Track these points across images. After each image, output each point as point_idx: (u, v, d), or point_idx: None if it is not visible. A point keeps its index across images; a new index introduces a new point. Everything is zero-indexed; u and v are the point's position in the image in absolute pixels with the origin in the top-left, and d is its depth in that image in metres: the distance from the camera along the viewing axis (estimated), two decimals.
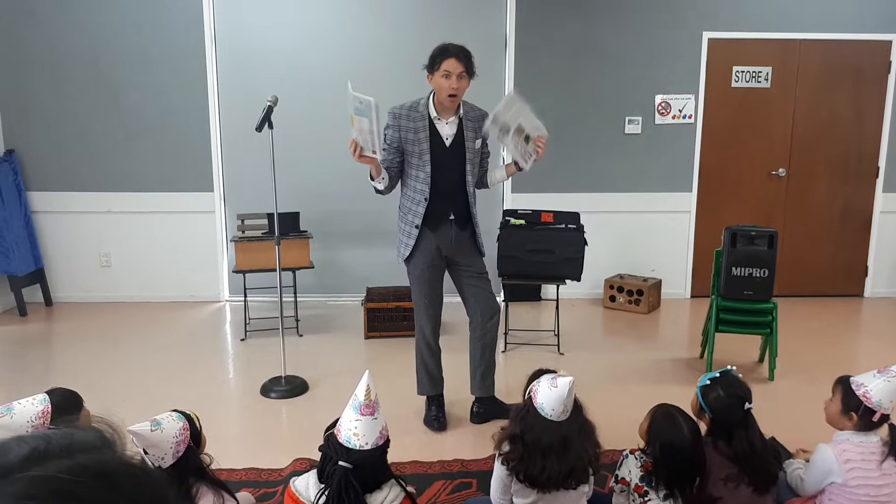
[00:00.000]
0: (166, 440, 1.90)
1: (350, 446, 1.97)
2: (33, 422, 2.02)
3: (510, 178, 3.73)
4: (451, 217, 3.30)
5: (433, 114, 3.22)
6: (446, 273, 3.44)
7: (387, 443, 2.06)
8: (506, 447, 2.25)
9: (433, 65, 3.13)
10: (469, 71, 3.15)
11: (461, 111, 3.25)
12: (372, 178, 3.17)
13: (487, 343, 3.46)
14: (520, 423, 2.23)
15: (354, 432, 1.97)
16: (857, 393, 2.25)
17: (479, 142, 3.30)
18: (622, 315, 5.40)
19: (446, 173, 3.24)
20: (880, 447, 2.20)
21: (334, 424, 2.07)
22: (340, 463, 1.96)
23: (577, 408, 2.23)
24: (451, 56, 3.09)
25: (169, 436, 1.91)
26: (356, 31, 5.41)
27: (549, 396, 2.17)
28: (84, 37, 5.30)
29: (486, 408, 3.50)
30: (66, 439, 0.56)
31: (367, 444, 1.97)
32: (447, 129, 3.24)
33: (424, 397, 3.54)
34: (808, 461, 2.40)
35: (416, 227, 3.27)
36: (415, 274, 3.37)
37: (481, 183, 3.44)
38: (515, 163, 3.27)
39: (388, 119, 3.23)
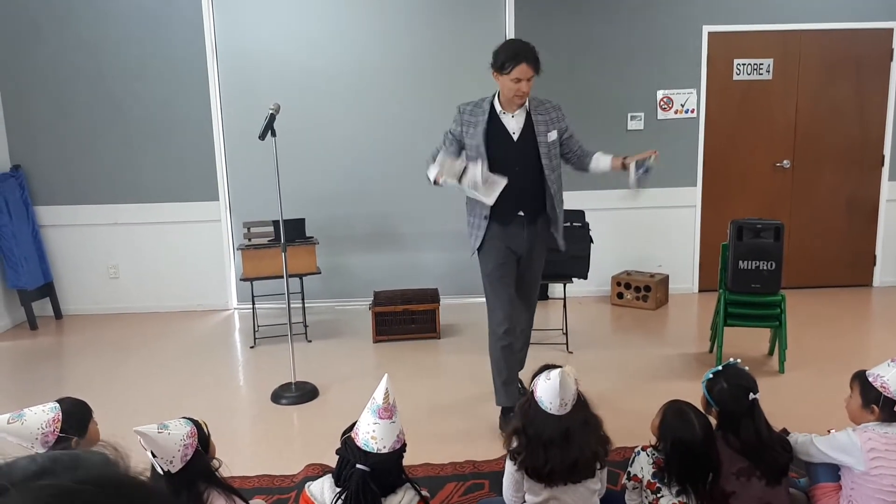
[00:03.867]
0: (174, 443, 1.90)
1: (368, 449, 1.98)
2: (44, 429, 2.03)
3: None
4: (521, 213, 3.21)
5: (498, 109, 3.19)
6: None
7: (403, 447, 2.06)
8: (514, 443, 2.27)
9: (503, 68, 3.05)
10: (538, 71, 3.08)
11: (528, 105, 3.18)
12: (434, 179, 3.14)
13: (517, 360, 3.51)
14: (522, 417, 2.26)
15: (372, 435, 1.98)
16: (874, 385, 2.24)
17: (552, 134, 3.19)
18: (630, 312, 5.39)
19: (515, 167, 3.14)
20: None
21: (351, 428, 2.08)
22: (358, 466, 1.97)
23: (580, 402, 2.24)
24: (522, 62, 3.02)
25: (176, 439, 1.91)
26: (356, 36, 5.42)
27: (545, 389, 2.19)
28: (87, 51, 5.33)
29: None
30: (73, 458, 0.58)
31: (384, 447, 1.98)
32: (514, 124, 3.18)
33: (499, 408, 3.37)
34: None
35: (486, 217, 3.19)
36: (484, 272, 3.31)
37: (581, 165, 3.37)
38: (625, 164, 3.18)
39: (454, 114, 3.26)
